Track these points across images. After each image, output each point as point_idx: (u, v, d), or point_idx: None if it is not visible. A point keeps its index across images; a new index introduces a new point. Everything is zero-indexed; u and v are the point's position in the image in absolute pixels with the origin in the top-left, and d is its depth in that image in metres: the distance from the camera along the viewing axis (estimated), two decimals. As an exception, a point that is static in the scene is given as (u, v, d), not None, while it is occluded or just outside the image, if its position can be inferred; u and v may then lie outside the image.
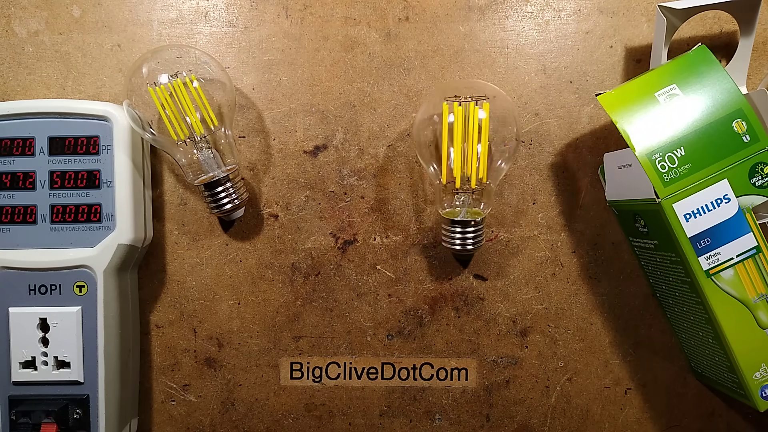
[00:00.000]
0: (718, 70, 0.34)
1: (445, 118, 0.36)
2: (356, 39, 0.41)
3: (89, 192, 0.37)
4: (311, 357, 0.42)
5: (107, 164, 0.37)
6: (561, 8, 0.40)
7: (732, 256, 0.33)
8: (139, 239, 0.38)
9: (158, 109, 0.36)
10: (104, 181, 0.37)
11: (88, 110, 0.37)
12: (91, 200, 0.37)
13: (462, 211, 0.37)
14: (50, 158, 0.37)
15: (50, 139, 0.37)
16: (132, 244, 0.38)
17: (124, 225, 0.37)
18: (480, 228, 0.38)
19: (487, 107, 0.36)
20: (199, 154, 0.37)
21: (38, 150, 0.37)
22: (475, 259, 0.41)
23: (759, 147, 0.33)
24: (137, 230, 0.38)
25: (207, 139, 0.37)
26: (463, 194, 0.37)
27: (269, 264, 0.41)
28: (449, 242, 0.38)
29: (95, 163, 0.37)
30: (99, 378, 0.37)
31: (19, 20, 0.40)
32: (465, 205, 0.37)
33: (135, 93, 0.37)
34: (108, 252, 0.37)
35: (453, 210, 0.37)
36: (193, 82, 0.37)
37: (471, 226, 0.37)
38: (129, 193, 0.37)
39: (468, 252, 0.38)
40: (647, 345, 0.41)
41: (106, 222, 0.37)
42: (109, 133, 0.37)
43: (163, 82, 0.36)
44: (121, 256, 0.37)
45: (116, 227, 0.37)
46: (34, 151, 0.37)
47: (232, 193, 0.38)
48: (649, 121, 0.33)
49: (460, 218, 0.37)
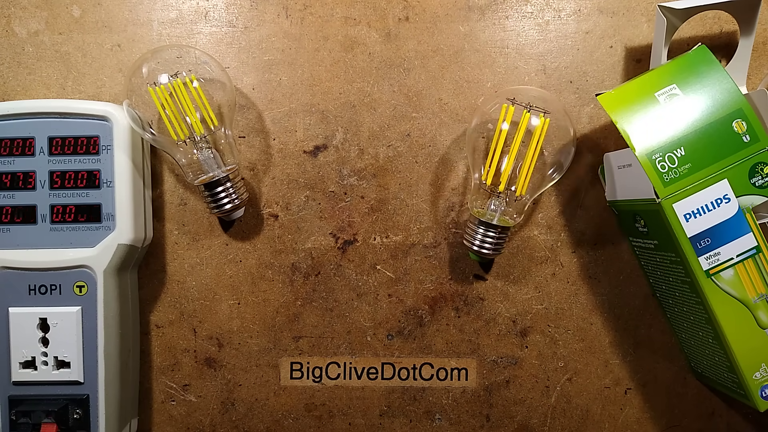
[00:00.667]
0: (718, 70, 0.33)
1: (501, 120, 0.36)
2: (356, 39, 0.41)
3: (89, 192, 0.37)
4: (311, 357, 0.42)
5: (107, 164, 0.37)
6: (561, 8, 0.40)
7: (732, 256, 0.33)
8: (139, 239, 0.38)
9: (158, 109, 0.36)
10: (104, 181, 0.37)
11: (88, 110, 0.37)
12: (91, 200, 0.37)
13: (496, 216, 0.37)
14: (50, 158, 0.37)
15: (50, 139, 0.37)
16: (132, 244, 0.38)
17: (124, 225, 0.37)
18: (503, 236, 0.38)
19: (546, 122, 0.36)
20: (199, 154, 0.37)
21: (38, 150, 0.37)
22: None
23: (759, 147, 0.33)
24: (137, 230, 0.38)
25: (207, 139, 0.37)
26: (499, 199, 0.37)
27: (269, 264, 0.41)
28: (470, 240, 0.38)
29: (95, 163, 0.37)
30: (99, 378, 0.37)
31: (19, 20, 0.40)
32: (498, 210, 0.37)
33: (135, 93, 0.37)
34: (108, 252, 0.37)
35: (484, 211, 0.38)
36: (193, 82, 0.37)
37: (495, 231, 0.37)
38: (129, 193, 0.37)
39: (484, 255, 0.38)
40: (647, 345, 0.41)
41: (106, 222, 0.37)
42: (109, 133, 0.37)
43: (163, 82, 0.36)
44: (121, 256, 0.37)
45: (116, 227, 0.37)
46: (34, 151, 0.37)
47: (232, 193, 0.38)
48: (649, 121, 0.33)
49: (488, 220, 0.37)
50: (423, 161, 0.41)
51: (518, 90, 0.38)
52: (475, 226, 0.38)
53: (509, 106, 0.36)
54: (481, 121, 0.38)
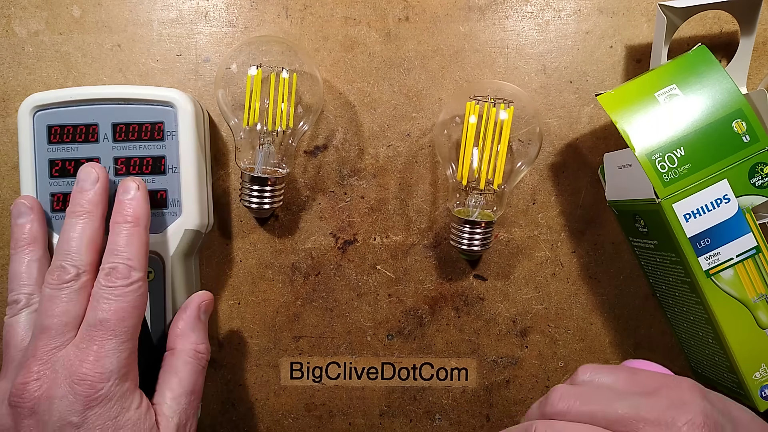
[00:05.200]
0: (718, 70, 0.33)
1: (467, 118, 0.36)
2: (356, 39, 0.41)
3: (155, 178, 0.37)
4: (311, 357, 0.42)
5: (172, 150, 0.37)
6: (561, 8, 0.40)
7: (732, 256, 0.33)
8: (204, 224, 0.38)
9: (246, 93, 0.36)
10: (170, 167, 0.37)
11: (152, 96, 0.37)
12: (157, 186, 0.37)
13: (475, 212, 0.37)
14: (114, 144, 0.37)
15: (114, 125, 0.37)
16: (198, 230, 0.37)
17: (191, 210, 0.37)
18: (489, 230, 0.38)
19: (511, 111, 0.36)
20: (264, 148, 0.37)
21: (102, 136, 0.37)
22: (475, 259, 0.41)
23: (759, 147, 0.33)
24: (202, 215, 0.38)
25: (278, 135, 0.38)
26: (477, 195, 0.37)
27: (269, 264, 0.41)
28: (457, 241, 0.38)
29: (160, 149, 0.37)
30: None
31: (19, 20, 0.40)
32: (478, 206, 0.37)
33: (230, 78, 0.37)
34: (175, 237, 0.37)
35: (465, 209, 0.38)
36: (291, 83, 0.37)
37: (480, 227, 0.37)
38: (195, 178, 0.37)
39: (474, 253, 0.38)
40: (647, 345, 0.41)
41: (173, 208, 0.37)
42: (173, 118, 0.37)
43: (265, 71, 0.37)
44: (188, 242, 0.37)
45: (183, 212, 0.37)
46: (97, 138, 0.37)
47: (275, 196, 0.38)
48: (649, 122, 0.33)
49: (472, 218, 0.37)
50: (423, 161, 0.41)
51: (479, 85, 0.38)
52: (460, 226, 0.38)
53: (474, 104, 0.36)
54: (446, 119, 0.38)
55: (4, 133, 0.40)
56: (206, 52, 0.40)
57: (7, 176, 0.41)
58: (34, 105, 0.36)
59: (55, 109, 0.37)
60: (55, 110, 0.37)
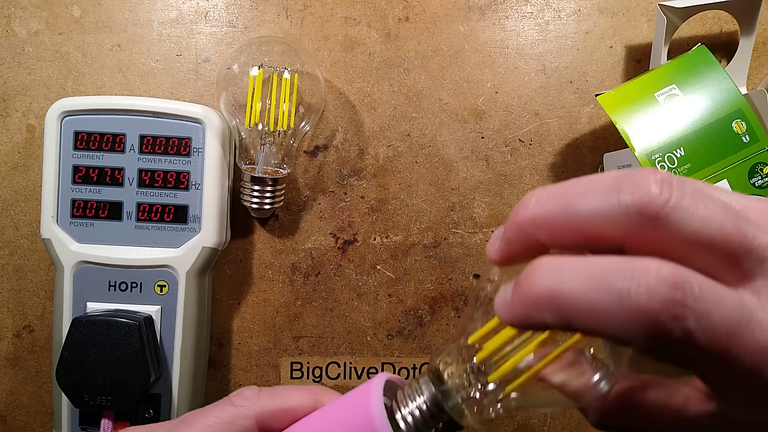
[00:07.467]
0: (717, 70, 0.34)
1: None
2: (356, 39, 0.41)
3: (177, 193, 0.37)
4: (311, 357, 0.42)
5: (197, 166, 0.37)
6: (561, 8, 0.40)
7: (732, 257, 0.33)
8: (221, 242, 0.38)
9: (248, 93, 0.36)
10: (193, 183, 0.37)
11: (182, 111, 0.37)
12: (178, 201, 0.37)
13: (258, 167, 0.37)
14: (140, 156, 0.37)
15: (141, 137, 0.37)
16: (215, 247, 0.37)
17: (210, 228, 0.37)
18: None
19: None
20: (265, 148, 0.37)
21: (128, 147, 0.37)
22: (475, 259, 0.41)
23: (759, 147, 0.33)
24: (220, 233, 0.38)
25: (279, 135, 0.38)
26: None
27: (269, 264, 0.41)
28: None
29: (185, 164, 0.37)
30: (173, 378, 0.37)
31: (19, 20, 0.40)
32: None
33: (233, 79, 0.37)
34: (192, 254, 0.37)
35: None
36: (292, 84, 0.37)
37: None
38: (217, 196, 0.37)
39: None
40: (647, 345, 0.41)
41: (192, 224, 0.37)
42: (201, 135, 0.37)
43: (266, 71, 0.37)
44: (204, 259, 0.37)
45: (201, 229, 0.37)
46: (124, 148, 0.37)
47: (276, 196, 0.38)
48: (649, 122, 0.33)
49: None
50: (423, 161, 0.41)
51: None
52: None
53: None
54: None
55: (4, 133, 0.41)
56: (206, 52, 0.40)
57: (7, 176, 0.41)
58: (62, 110, 0.36)
59: (83, 115, 0.37)
60: (84, 117, 0.37)
